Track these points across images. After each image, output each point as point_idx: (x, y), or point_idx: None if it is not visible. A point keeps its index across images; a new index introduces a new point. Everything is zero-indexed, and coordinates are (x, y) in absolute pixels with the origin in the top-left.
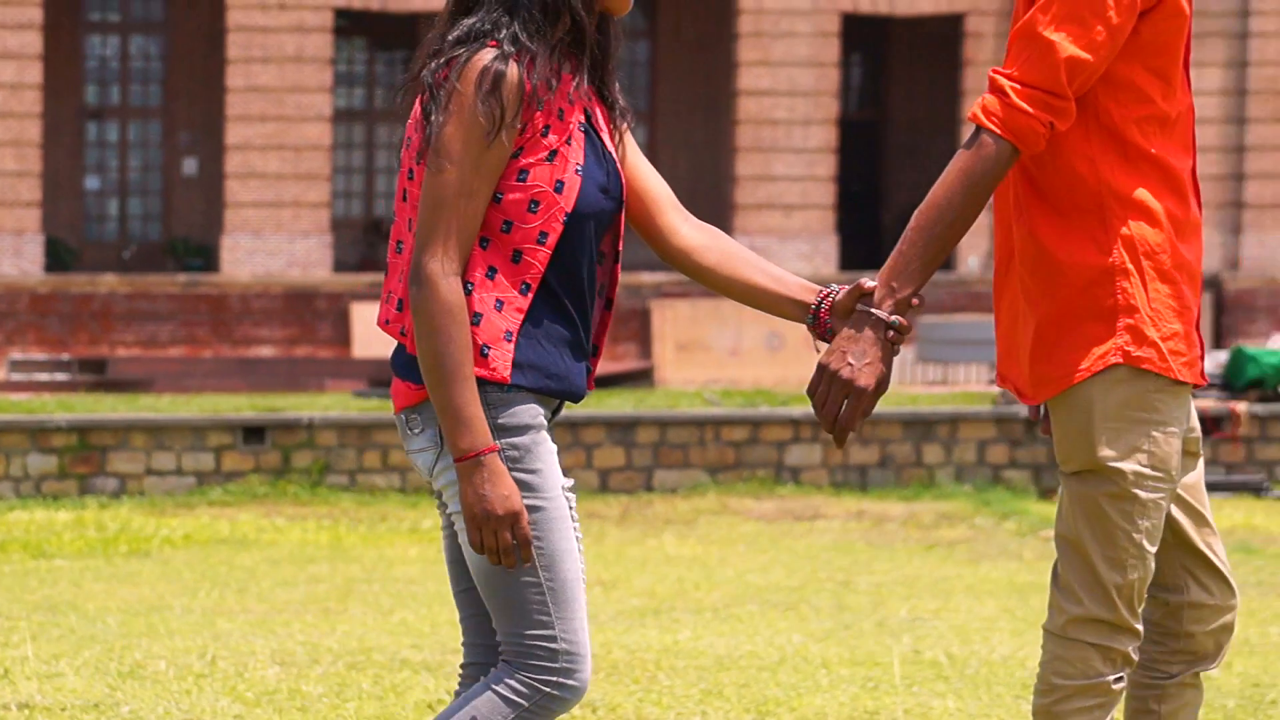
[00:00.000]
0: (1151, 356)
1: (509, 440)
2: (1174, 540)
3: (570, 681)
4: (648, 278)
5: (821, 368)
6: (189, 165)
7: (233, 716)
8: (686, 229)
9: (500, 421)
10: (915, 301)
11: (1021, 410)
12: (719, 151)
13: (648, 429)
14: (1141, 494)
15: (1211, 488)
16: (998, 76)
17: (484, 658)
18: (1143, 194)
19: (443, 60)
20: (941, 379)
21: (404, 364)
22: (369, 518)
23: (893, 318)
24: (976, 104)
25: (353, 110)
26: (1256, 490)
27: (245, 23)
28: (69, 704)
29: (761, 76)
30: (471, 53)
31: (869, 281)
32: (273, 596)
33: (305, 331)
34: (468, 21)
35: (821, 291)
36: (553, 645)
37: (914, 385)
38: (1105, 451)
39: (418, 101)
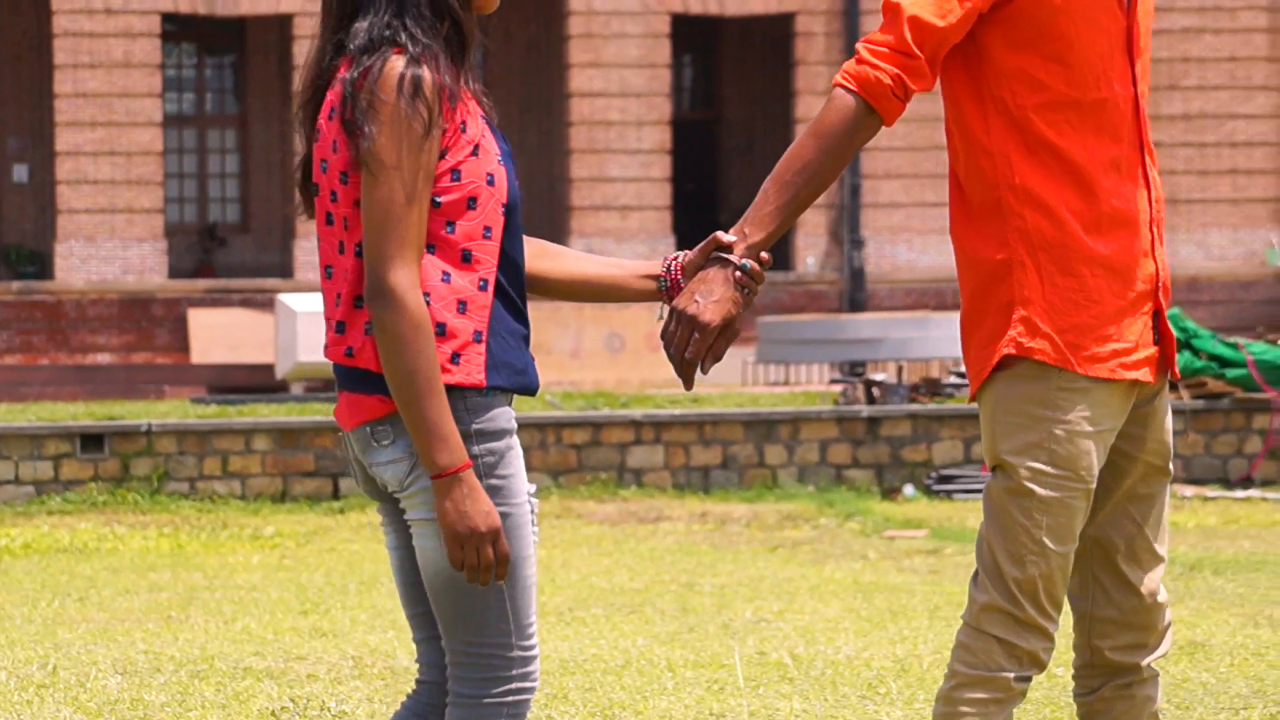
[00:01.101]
0: (1044, 348)
1: (486, 446)
2: (1093, 549)
3: (529, 684)
4: None
5: (671, 309)
6: (19, 172)
7: None
8: None
9: (478, 427)
10: (764, 257)
11: (862, 410)
12: (553, 154)
13: None
14: (1039, 490)
15: None
16: (859, 43)
17: (440, 677)
18: (1040, 186)
19: (356, 72)
20: (783, 379)
21: (362, 379)
22: (210, 525)
23: (743, 261)
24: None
25: (184, 115)
26: None
27: (71, 28)
28: None
29: (593, 78)
30: (382, 60)
31: (724, 234)
32: (114, 605)
33: (142, 338)
34: (361, 26)
35: (667, 259)
36: (509, 654)
37: (755, 386)
38: (1003, 446)
39: (322, 122)
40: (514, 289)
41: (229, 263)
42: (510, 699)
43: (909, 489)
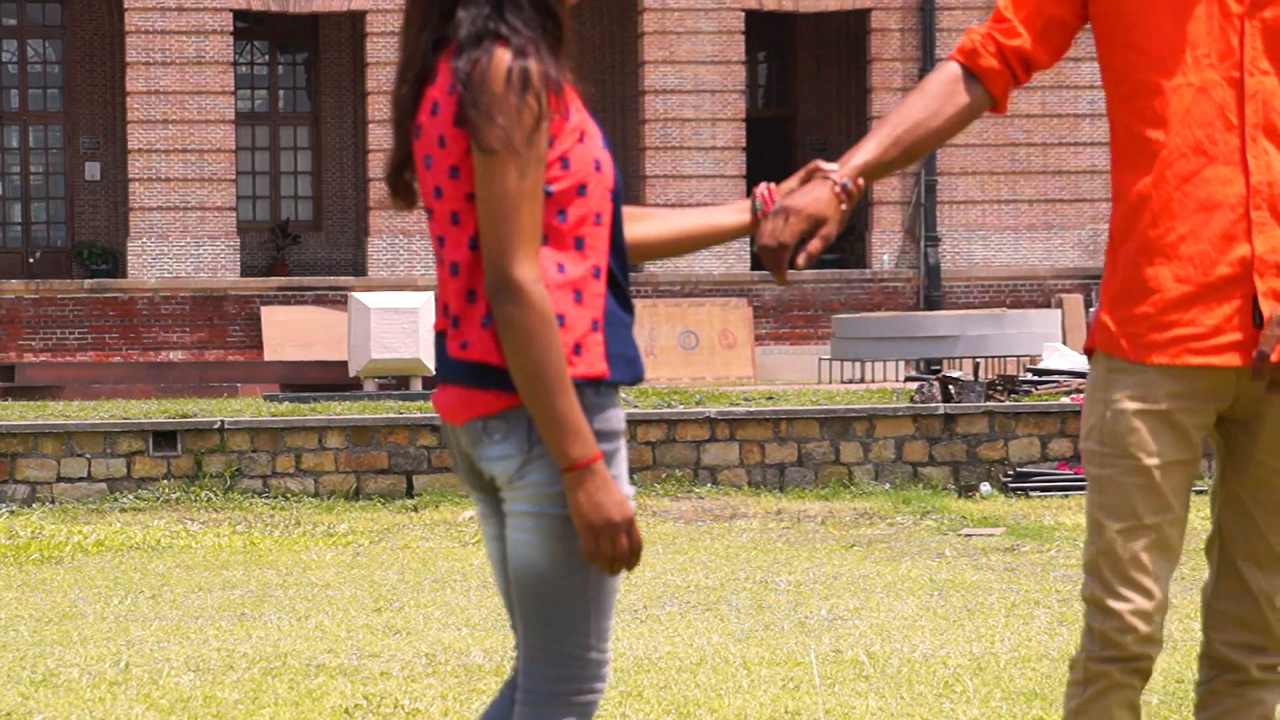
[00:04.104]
0: (1104, 340)
1: (600, 446)
2: (1218, 539)
3: (600, 684)
4: None
5: (768, 211)
6: (91, 169)
7: None
8: None
9: (595, 427)
10: (860, 182)
11: (939, 407)
12: (627, 151)
13: None
14: (1092, 469)
15: None
16: None
17: None
18: (1121, 178)
19: (467, 64)
20: (858, 377)
21: (477, 373)
22: (283, 522)
23: (842, 178)
24: None
25: (256, 113)
26: None
27: (144, 26)
28: None
29: (667, 75)
30: (488, 54)
31: (824, 162)
32: (187, 603)
33: (215, 335)
34: (464, 16)
35: (756, 188)
36: (587, 655)
37: (830, 384)
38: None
39: (425, 118)
40: (621, 275)
41: (301, 260)
42: (580, 699)
43: (985, 486)
